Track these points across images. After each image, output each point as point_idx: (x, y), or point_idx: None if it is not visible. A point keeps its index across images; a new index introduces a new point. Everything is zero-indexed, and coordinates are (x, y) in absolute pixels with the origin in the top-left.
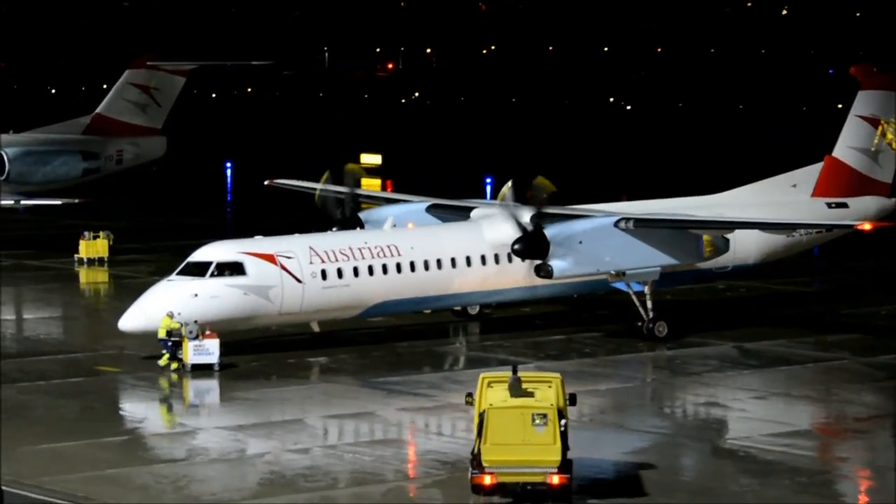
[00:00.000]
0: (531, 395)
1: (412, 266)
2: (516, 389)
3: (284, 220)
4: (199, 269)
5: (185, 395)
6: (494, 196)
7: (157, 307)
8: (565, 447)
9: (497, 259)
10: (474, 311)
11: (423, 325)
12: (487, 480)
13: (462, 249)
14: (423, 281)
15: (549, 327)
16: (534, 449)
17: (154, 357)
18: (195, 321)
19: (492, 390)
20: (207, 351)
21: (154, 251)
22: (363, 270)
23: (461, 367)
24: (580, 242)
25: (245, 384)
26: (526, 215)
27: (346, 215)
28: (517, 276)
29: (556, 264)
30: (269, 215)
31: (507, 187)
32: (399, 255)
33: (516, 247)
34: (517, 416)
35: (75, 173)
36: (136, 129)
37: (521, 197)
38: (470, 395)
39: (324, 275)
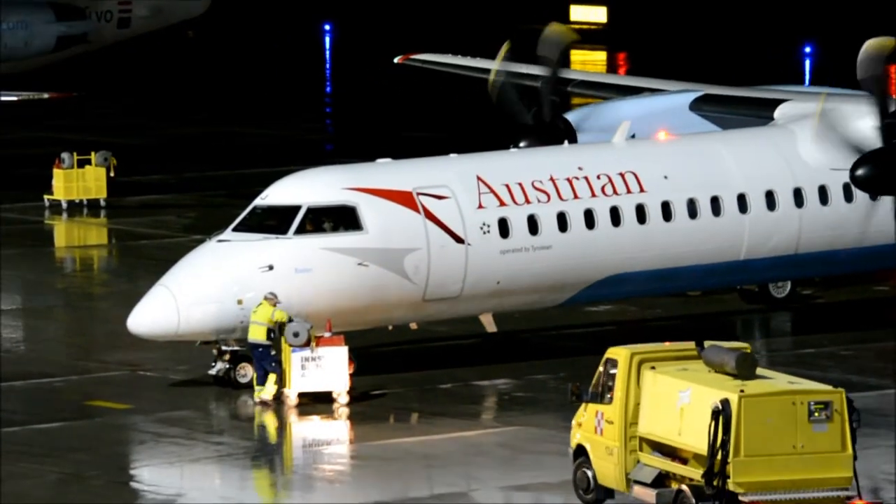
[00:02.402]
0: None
1: (666, 211)
2: (747, 367)
3: (429, 128)
4: (274, 221)
5: (285, 455)
6: (819, 80)
7: (199, 289)
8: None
9: (824, 196)
10: (782, 292)
11: (685, 318)
12: None
13: (759, 178)
14: (687, 238)
15: None
16: (815, 461)
17: (192, 382)
18: (295, 318)
19: (658, 376)
20: (325, 368)
21: (190, 187)
22: (576, 219)
23: None
24: None
25: (373, 428)
26: (877, 113)
27: (545, 118)
28: (862, 225)
29: None
30: (401, 119)
31: (879, 50)
32: (642, 190)
33: (860, 171)
34: (785, 409)
35: (43, 44)
36: None
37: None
38: (577, 386)
39: (504, 228)
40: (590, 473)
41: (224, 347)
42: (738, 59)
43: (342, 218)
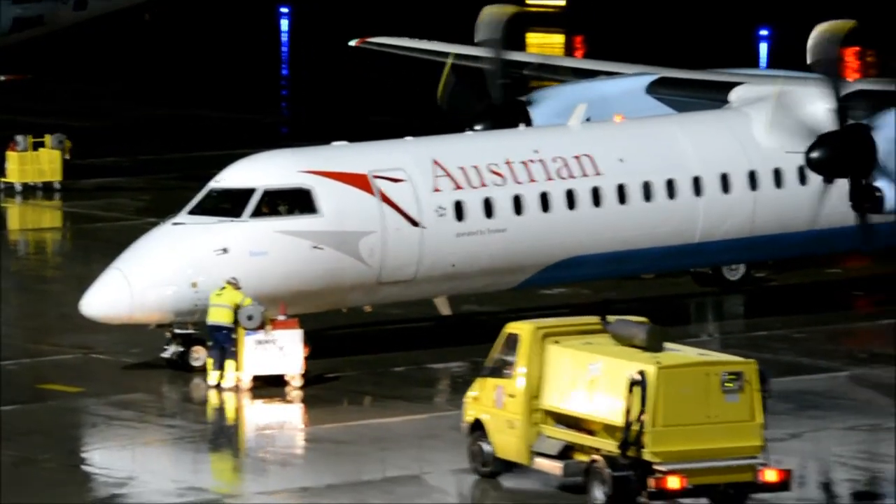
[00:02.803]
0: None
1: (621, 194)
2: (657, 339)
3: (385, 111)
4: (230, 204)
5: (239, 438)
6: (775, 63)
7: (154, 272)
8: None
9: (778, 178)
10: (736, 274)
11: (640, 301)
12: (675, 483)
13: (714, 161)
14: (641, 221)
15: (878, 304)
16: (727, 430)
17: (145, 365)
18: (245, 300)
19: (564, 350)
20: (281, 351)
21: (145, 170)
22: (531, 202)
23: None
24: None
25: (327, 411)
26: (831, 96)
27: (500, 100)
28: (816, 208)
29: (892, 187)
30: (357, 102)
31: (833, 32)
32: (598, 172)
33: (815, 154)
34: (700, 380)
35: None
36: None
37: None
38: (482, 364)
39: (459, 211)
40: (486, 447)
41: (178, 330)
42: (694, 43)
43: (297, 201)
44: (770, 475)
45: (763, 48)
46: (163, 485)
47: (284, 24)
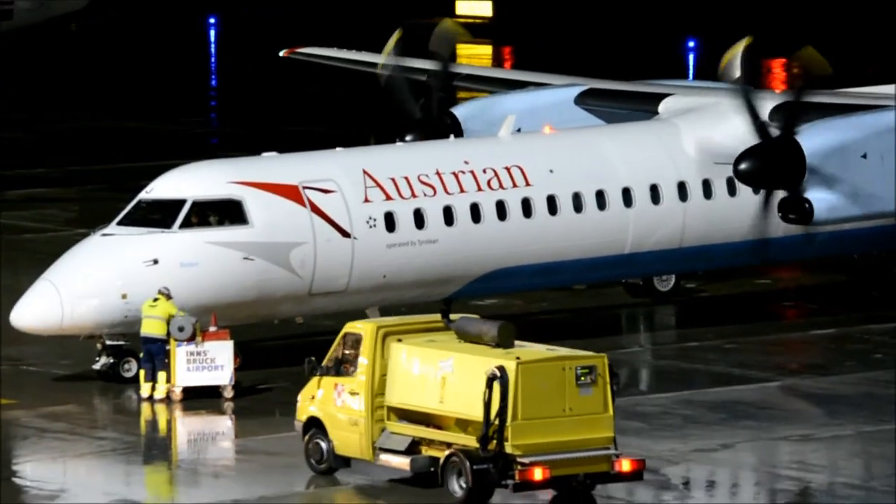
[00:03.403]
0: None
1: (552, 205)
2: (508, 336)
3: (315, 122)
4: (159, 215)
5: (171, 450)
6: (703, 74)
7: (84, 283)
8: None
9: (708, 189)
10: (667, 285)
11: (570, 311)
12: (539, 474)
13: (643, 172)
14: (572, 232)
15: (809, 315)
16: (582, 423)
17: (76, 377)
18: (179, 312)
19: (410, 347)
20: (211, 362)
21: (74, 181)
22: (462, 213)
23: (644, 389)
24: (864, 157)
25: (258, 423)
26: (764, 107)
27: (431, 112)
28: (745, 220)
29: (819, 198)
30: (287, 113)
31: (732, 55)
32: (528, 184)
33: (743, 165)
34: (556, 374)
35: None
36: None
37: (753, 75)
38: (312, 360)
39: (390, 222)
40: (324, 444)
41: (108, 342)
42: (622, 54)
43: (228, 212)
44: (625, 465)
45: (691, 59)
46: (95, 497)
47: (212, 34)
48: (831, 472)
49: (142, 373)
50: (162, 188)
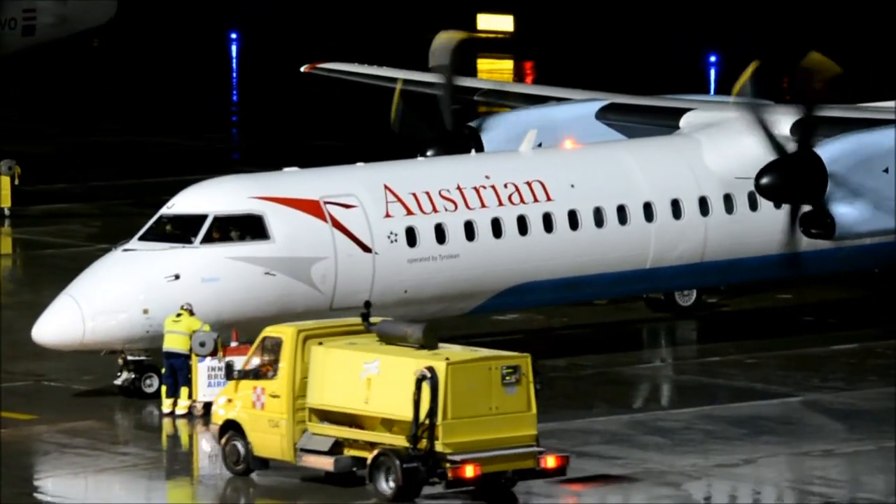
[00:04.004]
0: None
1: (573, 220)
2: (432, 338)
3: (336, 137)
4: (181, 230)
5: (192, 465)
6: (724, 89)
7: (105, 298)
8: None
9: (729, 204)
10: (688, 300)
11: (592, 326)
12: (471, 472)
13: (664, 187)
14: (593, 247)
15: (829, 329)
16: (507, 421)
17: (97, 392)
18: (204, 326)
19: (333, 350)
20: None
21: (96, 196)
22: (483, 229)
23: (666, 403)
24: (885, 171)
25: None
26: (784, 122)
27: (450, 126)
28: (767, 234)
29: (842, 212)
30: (308, 128)
31: (745, 80)
32: (549, 199)
33: (765, 180)
34: (483, 373)
35: None
36: None
37: (771, 90)
38: (231, 363)
39: (411, 237)
40: (241, 446)
41: (129, 357)
42: (643, 69)
43: (249, 227)
44: (550, 461)
45: (712, 74)
46: None
47: (234, 49)
48: (853, 487)
49: (163, 388)
50: (183, 203)
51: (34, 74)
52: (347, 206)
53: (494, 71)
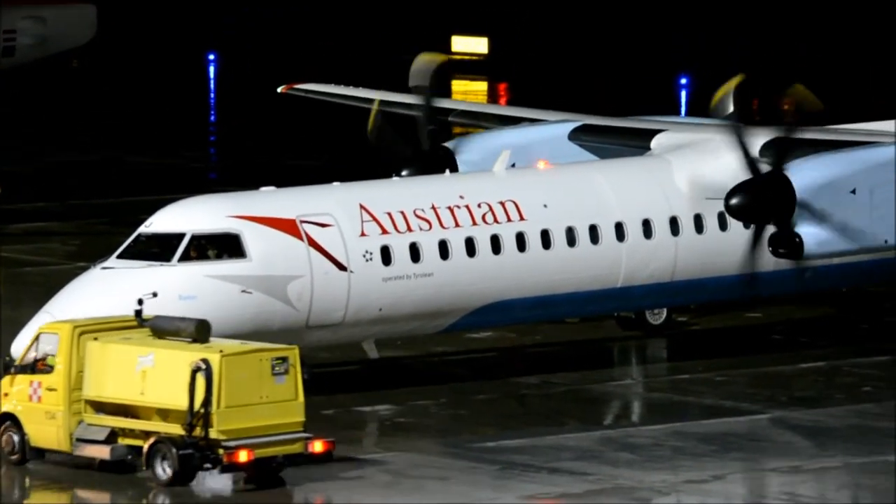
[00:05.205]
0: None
1: (546, 239)
2: (204, 332)
3: (312, 157)
4: (159, 248)
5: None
6: (697, 110)
7: (84, 315)
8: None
9: (699, 224)
10: (659, 318)
11: (564, 345)
12: (244, 456)
13: (635, 207)
14: (565, 266)
15: (798, 347)
16: (277, 409)
17: None
18: None
19: (108, 345)
20: None
21: (74, 215)
22: (457, 247)
23: (636, 420)
24: (852, 192)
25: None
26: (755, 143)
27: (425, 147)
28: (736, 254)
29: (810, 233)
30: (285, 148)
31: (724, 92)
32: (522, 218)
33: (734, 200)
34: (254, 364)
35: None
36: None
37: (743, 112)
38: (7, 359)
39: (386, 256)
40: (16, 437)
41: None
42: (615, 91)
43: (226, 245)
44: (317, 446)
45: (683, 96)
46: None
47: (212, 70)
48: (820, 503)
49: None
50: (161, 222)
51: (14, 94)
52: (323, 225)
53: (469, 92)
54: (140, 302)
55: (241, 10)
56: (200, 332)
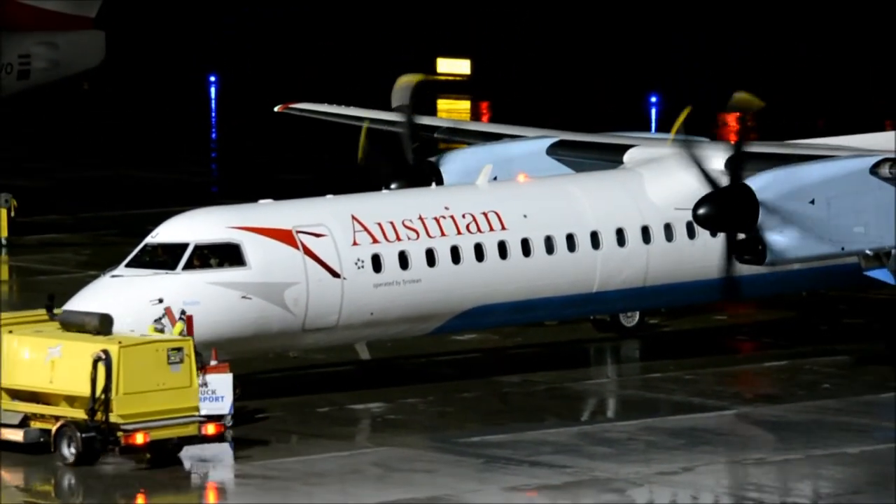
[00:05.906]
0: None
1: (525, 247)
2: (107, 325)
3: (307, 171)
4: (164, 257)
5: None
6: (664, 127)
7: None
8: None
9: (669, 233)
10: (632, 321)
11: (544, 346)
12: (140, 439)
13: (609, 217)
14: (544, 272)
15: (762, 348)
16: (173, 395)
17: None
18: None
19: (20, 337)
20: (212, 394)
21: (86, 227)
22: (443, 255)
23: (612, 416)
24: (811, 202)
25: (256, 449)
26: (717, 158)
27: (412, 161)
28: (703, 261)
29: (772, 240)
30: (282, 163)
31: (682, 118)
32: (504, 228)
33: (702, 211)
34: (151, 354)
35: None
36: (52, 18)
37: (704, 128)
38: None
39: (377, 263)
40: None
41: None
42: (590, 109)
43: (227, 254)
44: (210, 429)
45: (653, 113)
46: None
47: (213, 91)
48: (783, 492)
49: None
50: (166, 233)
51: (29, 115)
52: (318, 235)
53: (453, 111)
54: (51, 298)
55: (239, 30)
56: (103, 325)
